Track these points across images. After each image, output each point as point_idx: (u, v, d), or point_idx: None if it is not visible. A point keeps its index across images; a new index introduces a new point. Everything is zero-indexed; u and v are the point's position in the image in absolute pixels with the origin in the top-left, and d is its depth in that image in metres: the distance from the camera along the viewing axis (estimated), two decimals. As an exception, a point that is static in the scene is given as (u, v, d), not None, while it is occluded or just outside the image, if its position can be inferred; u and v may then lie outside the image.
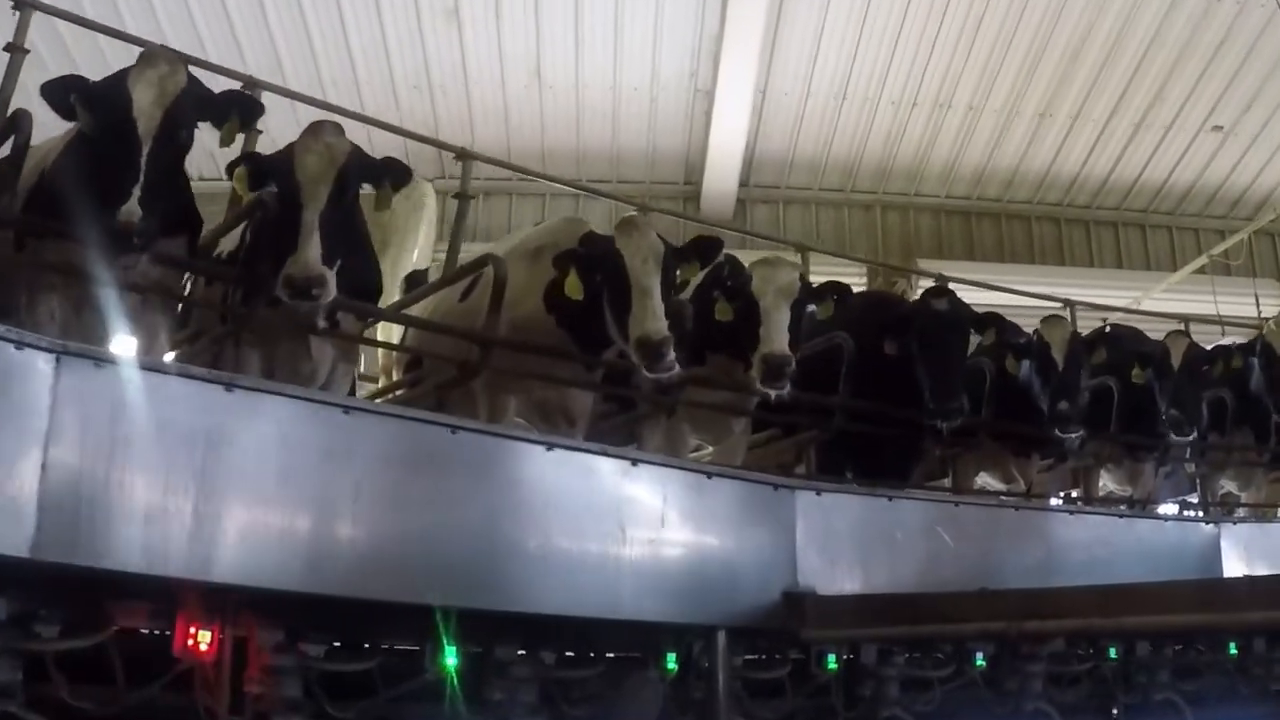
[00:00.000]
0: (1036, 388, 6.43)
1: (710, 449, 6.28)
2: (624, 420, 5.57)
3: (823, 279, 6.00)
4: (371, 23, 11.41)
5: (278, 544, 3.69)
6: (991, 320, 6.26)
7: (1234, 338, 8.05)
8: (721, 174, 12.71)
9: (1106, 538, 5.75)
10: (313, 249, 4.07)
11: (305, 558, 3.73)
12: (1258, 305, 10.69)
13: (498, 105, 12.42)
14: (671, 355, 4.56)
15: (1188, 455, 7.49)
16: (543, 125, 12.63)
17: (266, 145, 4.92)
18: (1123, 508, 6.43)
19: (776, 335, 5.31)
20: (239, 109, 4.41)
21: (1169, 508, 7.86)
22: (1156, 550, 5.93)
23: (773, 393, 5.25)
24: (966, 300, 6.41)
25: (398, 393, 5.60)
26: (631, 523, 4.46)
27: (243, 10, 11.06)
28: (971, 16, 11.58)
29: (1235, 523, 6.49)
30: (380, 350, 6.14)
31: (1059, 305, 7.93)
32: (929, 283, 11.62)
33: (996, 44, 11.86)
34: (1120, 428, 6.89)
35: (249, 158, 4.44)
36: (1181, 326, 7.74)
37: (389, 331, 6.18)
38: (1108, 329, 7.34)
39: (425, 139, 8.15)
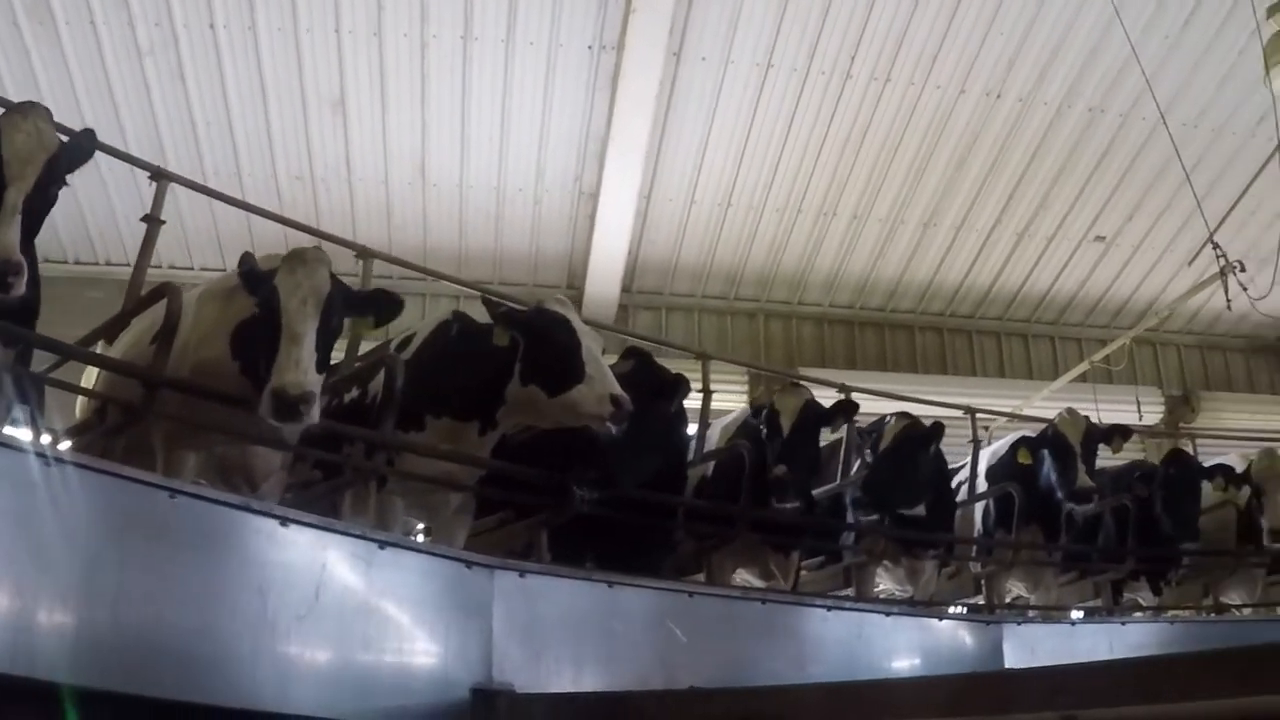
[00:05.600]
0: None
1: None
2: (327, 489, 4.92)
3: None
4: (256, 110, 11.10)
5: None
6: (672, 388, 5.44)
7: (1027, 430, 7.61)
8: (604, 278, 12.27)
9: (870, 637, 5.06)
10: (14, 231, 3.67)
11: None
12: (1139, 410, 10.38)
13: (380, 201, 12.04)
14: (308, 413, 3.96)
15: (973, 554, 6.97)
16: (425, 224, 12.22)
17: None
18: (895, 607, 5.78)
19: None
20: None
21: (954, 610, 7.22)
22: (930, 651, 5.26)
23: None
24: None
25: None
26: (276, 593, 3.70)
27: (128, 93, 10.73)
28: (858, 125, 11.41)
29: (1020, 623, 5.88)
30: (78, 398, 5.48)
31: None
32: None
33: (882, 152, 11.66)
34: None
35: None
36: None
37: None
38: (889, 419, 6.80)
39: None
